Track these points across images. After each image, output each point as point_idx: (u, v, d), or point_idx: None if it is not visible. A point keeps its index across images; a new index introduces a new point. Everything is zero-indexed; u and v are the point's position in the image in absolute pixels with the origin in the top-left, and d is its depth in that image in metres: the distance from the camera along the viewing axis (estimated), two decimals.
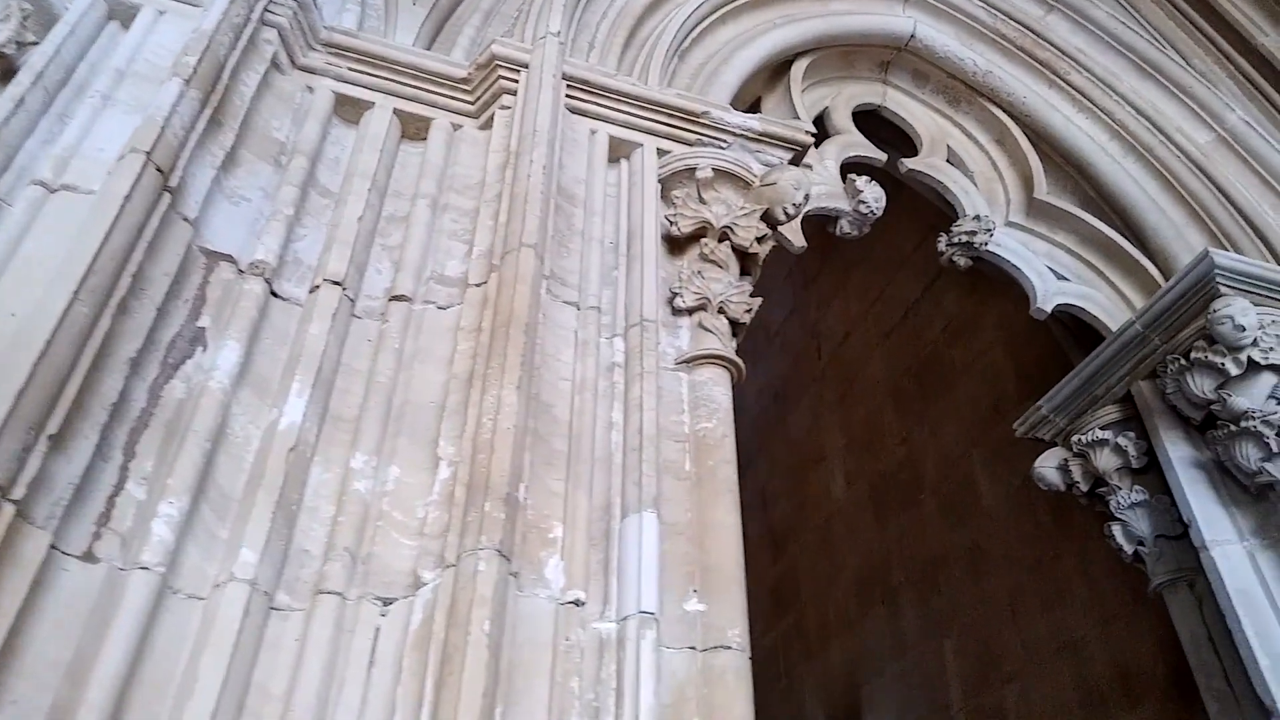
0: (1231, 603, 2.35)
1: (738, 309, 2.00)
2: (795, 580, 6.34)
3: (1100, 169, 3.07)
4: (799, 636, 6.17)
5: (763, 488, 7.14)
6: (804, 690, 5.96)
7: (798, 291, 7.16)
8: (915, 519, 5.03)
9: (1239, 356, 2.45)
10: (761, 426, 7.29)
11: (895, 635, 5.16)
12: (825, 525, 6.07)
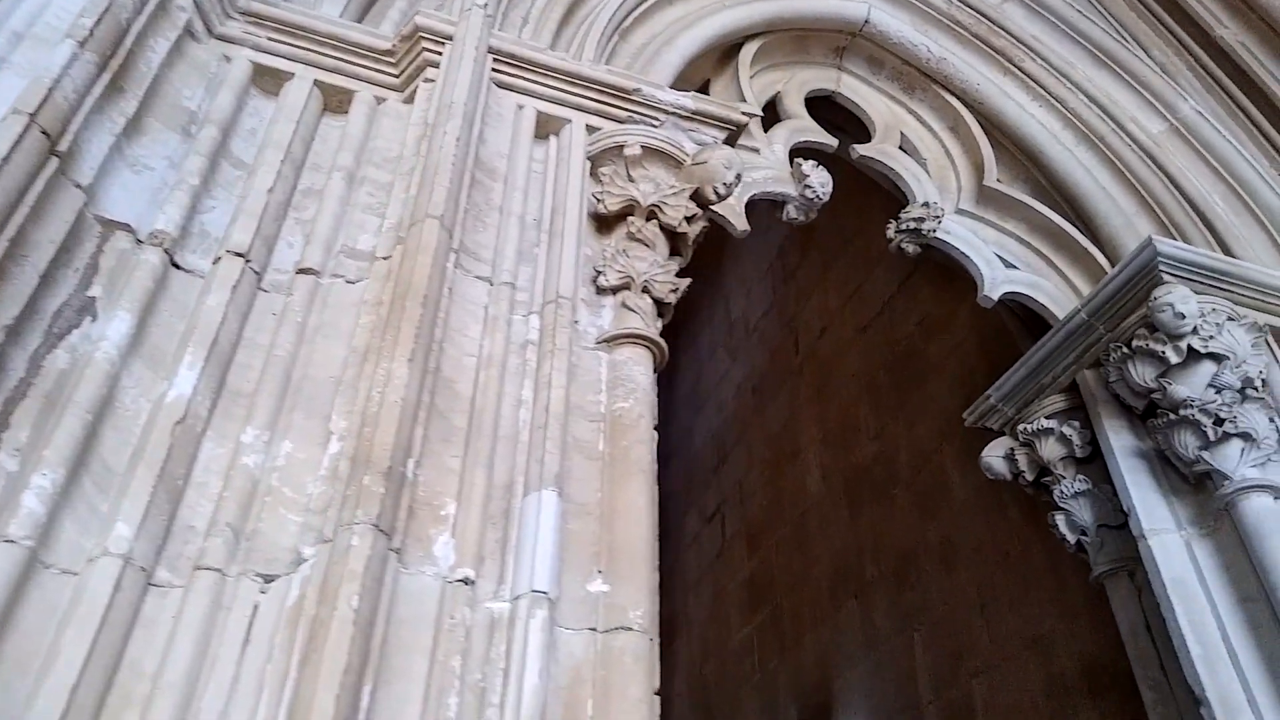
0: (1166, 591, 2.33)
1: (663, 289, 1.97)
2: (770, 574, 6.34)
3: (1052, 157, 3.05)
4: (773, 631, 6.16)
5: (740, 482, 7.13)
6: (778, 684, 5.96)
7: (777, 286, 7.15)
8: (888, 513, 5.03)
9: (1179, 345, 2.43)
10: (740, 420, 7.28)
11: (867, 629, 5.16)
12: (801, 519, 6.07)
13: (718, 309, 8.27)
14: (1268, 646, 2.19)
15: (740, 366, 7.67)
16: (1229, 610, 2.27)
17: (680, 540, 8.17)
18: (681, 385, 8.81)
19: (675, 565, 8.18)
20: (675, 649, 7.80)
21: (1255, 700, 2.14)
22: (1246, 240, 2.87)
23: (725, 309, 8.12)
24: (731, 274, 8.05)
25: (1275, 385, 2.52)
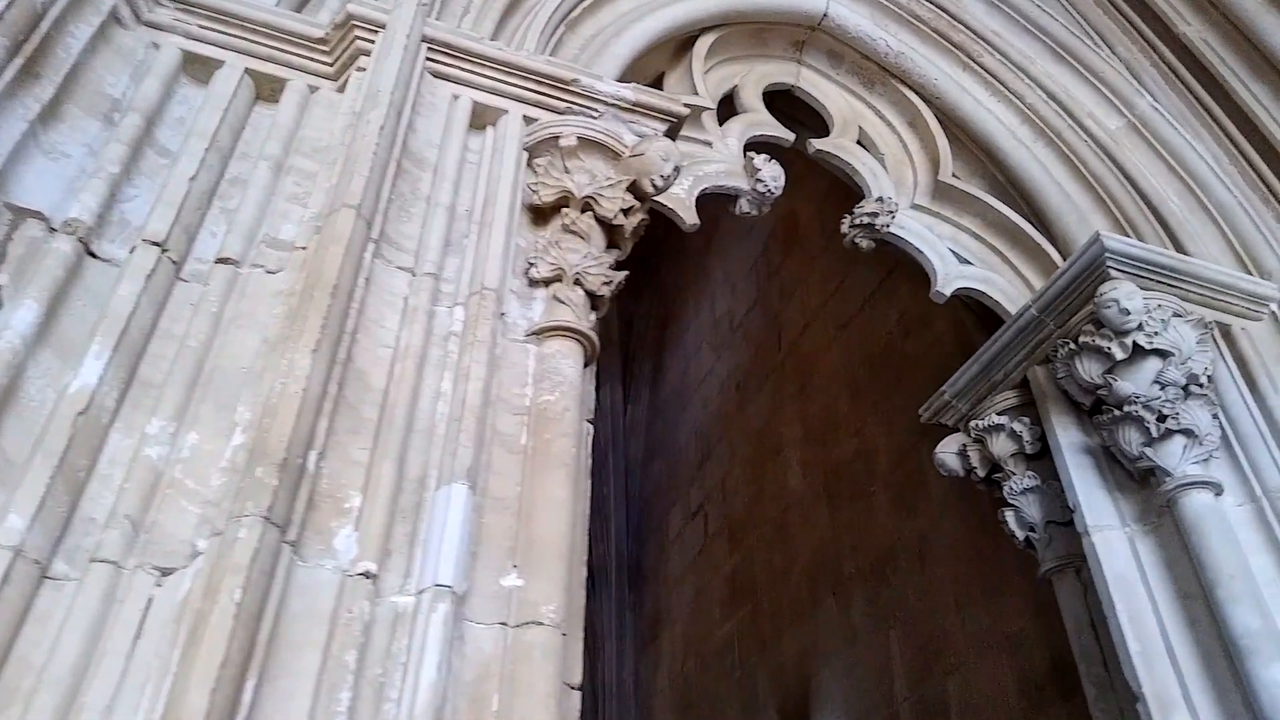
0: (1108, 588, 2.33)
1: (595, 281, 1.95)
2: (752, 571, 6.35)
3: (1007, 153, 3.04)
4: (754, 628, 6.17)
5: (723, 478, 7.14)
6: (757, 681, 5.97)
7: (761, 283, 7.15)
8: (866, 510, 5.03)
9: (1124, 341, 2.42)
10: (723, 417, 7.28)
11: (845, 626, 5.17)
12: (781, 516, 6.07)
13: (704, 306, 8.27)
14: (1205, 643, 2.19)
15: (724, 363, 7.67)
16: (1169, 607, 2.27)
17: (664, 537, 8.17)
18: (668, 382, 8.81)
19: (659, 562, 8.19)
20: (659, 646, 7.81)
21: (1191, 697, 2.14)
22: (1200, 237, 2.86)
23: (711, 306, 8.12)
24: (718, 271, 8.04)
25: (1221, 382, 2.52)
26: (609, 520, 9.32)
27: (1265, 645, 2.05)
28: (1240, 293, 2.66)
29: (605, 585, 9.02)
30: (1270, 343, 2.61)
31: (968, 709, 4.21)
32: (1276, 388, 2.51)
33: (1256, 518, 2.31)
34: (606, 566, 9.09)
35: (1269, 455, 2.35)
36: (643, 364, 9.59)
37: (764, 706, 5.90)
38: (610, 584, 9.04)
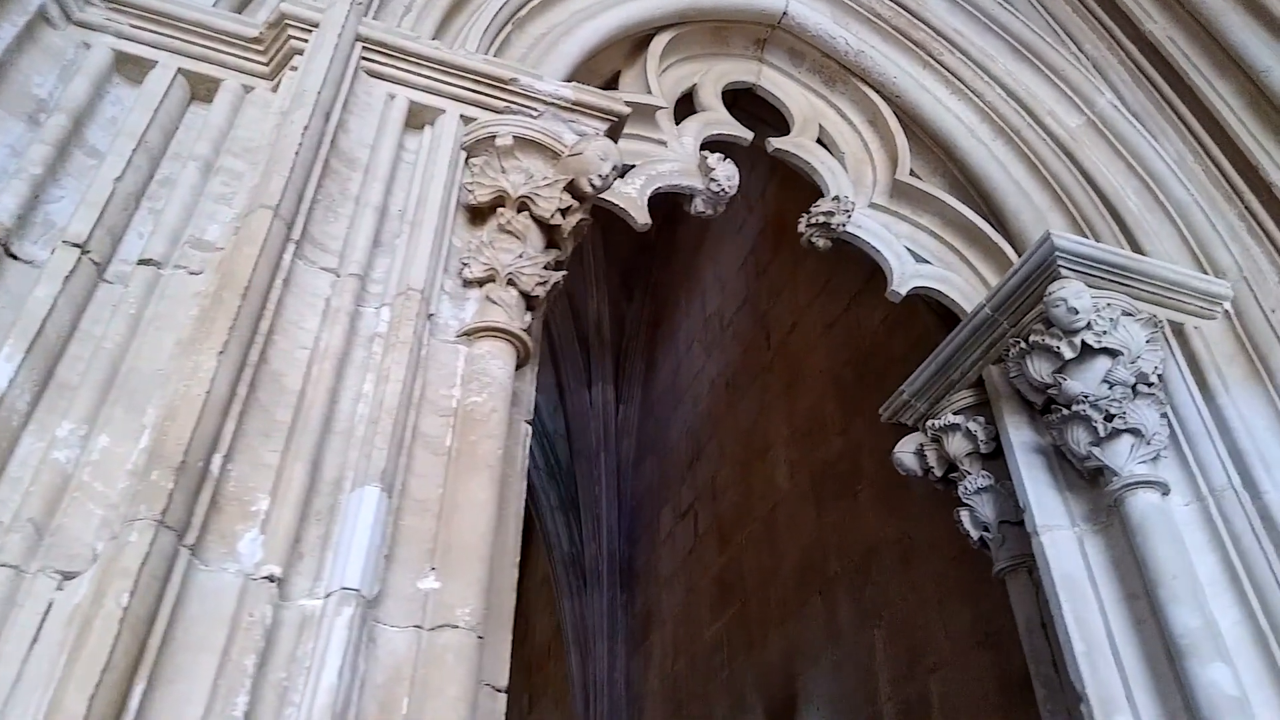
0: (1055, 588, 2.32)
1: (529, 281, 1.94)
2: (740, 571, 6.35)
3: (966, 151, 3.03)
4: (741, 627, 6.18)
5: (713, 477, 7.14)
6: (744, 681, 5.97)
7: (750, 282, 7.15)
8: (852, 509, 5.03)
9: (1073, 340, 2.41)
10: (713, 416, 7.28)
11: (830, 626, 5.17)
12: (769, 516, 6.07)
13: (695, 304, 8.28)
14: (1149, 644, 2.18)
15: (715, 362, 7.68)
16: (1115, 607, 2.26)
17: (656, 537, 8.18)
18: (659, 381, 8.82)
19: (650, 562, 8.20)
20: (650, 645, 7.82)
21: (1133, 697, 2.13)
22: (1156, 235, 2.85)
23: (702, 304, 8.13)
24: (709, 269, 8.05)
25: (1172, 381, 2.51)
26: (600, 520, 9.32)
27: (1204, 645, 2.04)
28: (1193, 291, 2.65)
29: (597, 585, 9.02)
30: (1223, 342, 2.60)
31: (949, 708, 4.21)
32: (1227, 386, 2.50)
33: (1202, 517, 2.30)
34: (598, 566, 9.09)
35: (1215, 455, 2.34)
36: (635, 363, 9.59)
37: (751, 706, 5.90)
38: (602, 584, 9.04)
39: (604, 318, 9.78)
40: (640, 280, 9.71)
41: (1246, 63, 3.38)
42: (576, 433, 9.74)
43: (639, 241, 9.40)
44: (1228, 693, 1.98)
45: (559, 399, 9.87)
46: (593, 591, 9.07)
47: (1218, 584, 2.20)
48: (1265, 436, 2.41)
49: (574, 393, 9.73)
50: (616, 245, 9.19)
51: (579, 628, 9.10)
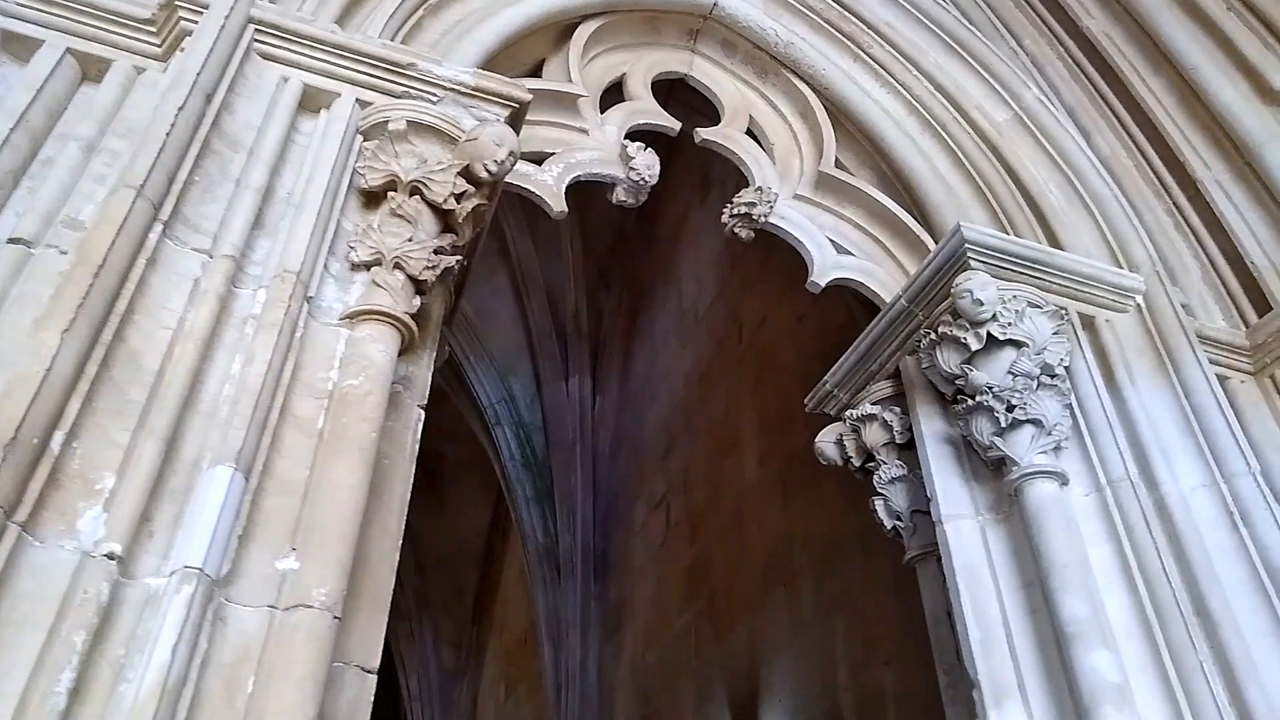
0: (955, 576, 2.34)
1: (417, 265, 1.94)
2: (709, 562, 6.38)
3: (892, 144, 3.03)
4: (709, 618, 6.21)
5: (685, 469, 7.17)
6: (711, 671, 6.01)
7: (724, 275, 7.16)
8: (817, 501, 5.05)
9: (979, 331, 2.43)
10: (686, 409, 7.30)
11: (793, 616, 5.20)
12: (738, 508, 6.10)
13: (671, 297, 8.29)
14: (1042, 632, 2.20)
15: (689, 354, 7.69)
16: (1012, 596, 2.28)
17: (629, 528, 8.21)
18: (636, 374, 8.84)
19: (624, 553, 8.22)
20: (621, 636, 7.85)
21: (1024, 684, 2.15)
22: (1075, 229, 2.87)
23: (678, 297, 8.14)
24: (686, 262, 8.06)
25: (1078, 373, 2.53)
26: (575, 512, 9.35)
27: (1090, 633, 2.06)
28: (1106, 285, 2.66)
29: (571, 576, 9.04)
30: (1133, 335, 2.62)
31: (904, 697, 4.24)
32: (1133, 379, 2.52)
33: (1100, 508, 2.32)
34: (572, 558, 9.12)
35: (1116, 447, 2.36)
36: (612, 356, 9.60)
37: (716, 696, 5.94)
38: (576, 575, 9.06)
39: (581, 310, 9.77)
40: (618, 273, 9.71)
41: (1178, 60, 3.40)
42: (553, 425, 9.74)
43: (617, 234, 9.40)
44: (1109, 679, 2.00)
45: (536, 391, 9.87)
46: (566, 583, 9.09)
47: (1110, 573, 2.22)
48: (1168, 430, 2.43)
49: (551, 385, 9.73)
50: (595, 238, 9.19)
51: (552, 619, 9.13)
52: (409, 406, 2.02)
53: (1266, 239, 3.04)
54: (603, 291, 9.83)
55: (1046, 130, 3.05)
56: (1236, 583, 2.17)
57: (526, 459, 9.92)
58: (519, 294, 9.72)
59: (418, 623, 12.70)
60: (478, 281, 9.57)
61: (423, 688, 12.67)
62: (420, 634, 12.67)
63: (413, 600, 12.67)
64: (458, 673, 12.71)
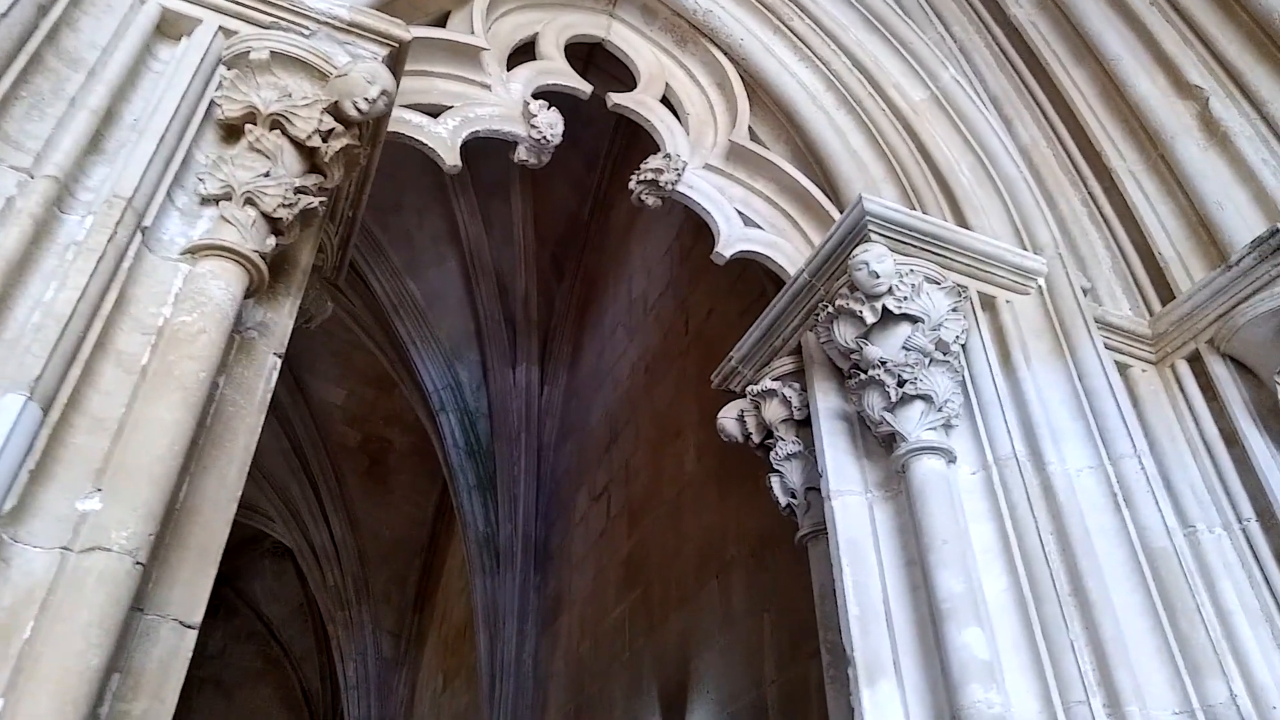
0: (839, 552, 2.29)
1: (271, 202, 1.83)
2: (646, 553, 6.33)
3: (806, 118, 2.98)
4: (644, 610, 6.15)
5: (628, 460, 7.10)
6: (643, 662, 5.95)
7: (674, 266, 7.11)
8: (753, 494, 5.00)
9: (875, 305, 2.38)
10: (631, 400, 7.23)
11: (725, 609, 5.16)
12: (677, 499, 6.05)
13: (622, 288, 8.23)
14: (920, 609, 2.16)
15: (636, 345, 7.63)
16: (895, 573, 2.24)
17: (571, 519, 8.12)
18: (585, 364, 8.76)
19: (564, 543, 8.14)
20: (558, 627, 7.76)
21: (899, 661, 2.11)
22: (984, 210, 2.84)
23: (629, 288, 8.09)
24: (638, 253, 8.00)
25: (973, 351, 2.49)
26: (518, 501, 9.24)
27: (963, 609, 2.02)
28: (1007, 265, 2.64)
29: (510, 566, 8.95)
30: (1032, 317, 2.60)
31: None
32: (1029, 360, 2.49)
33: (985, 486, 2.29)
34: (513, 547, 9.01)
35: (1005, 426, 2.33)
36: (562, 345, 9.50)
37: (647, 688, 5.89)
38: (515, 565, 8.96)
39: (532, 298, 9.65)
40: (572, 261, 9.60)
41: (1100, 51, 3.41)
42: (498, 413, 9.62)
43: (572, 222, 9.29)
44: (979, 656, 1.96)
45: (483, 378, 9.74)
46: (506, 572, 8.99)
47: (991, 551, 2.19)
48: (1060, 411, 2.41)
49: (498, 372, 9.61)
50: (549, 225, 9.07)
51: (489, 608, 9.02)
52: (263, 353, 1.91)
53: (1174, 230, 3.04)
54: (555, 280, 9.72)
55: (962, 111, 3.02)
56: (1115, 564, 2.15)
57: (470, 446, 9.79)
58: (469, 279, 9.58)
59: (358, 611, 12.48)
60: (426, 265, 9.42)
61: (360, 676, 12.45)
62: (360, 622, 12.45)
63: (353, 588, 12.45)
64: (397, 662, 12.52)
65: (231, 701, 15.00)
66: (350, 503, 12.48)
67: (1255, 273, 2.64)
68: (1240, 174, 3.04)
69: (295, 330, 2.01)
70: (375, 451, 12.53)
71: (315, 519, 12.46)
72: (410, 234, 9.38)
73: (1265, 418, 2.61)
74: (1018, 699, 1.96)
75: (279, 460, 12.05)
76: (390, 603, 12.49)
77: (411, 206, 9.20)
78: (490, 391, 9.76)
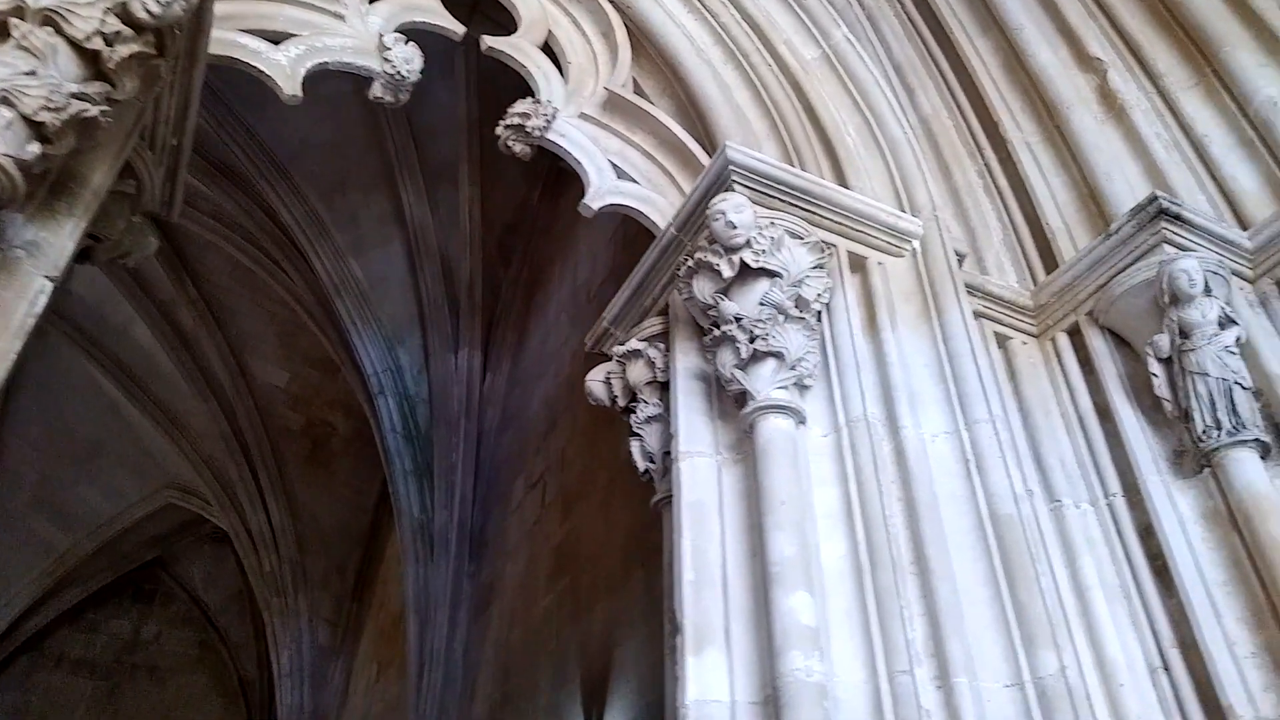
0: (682, 515, 2.16)
1: (33, 103, 1.65)
2: (577, 542, 6.21)
3: (690, 70, 2.85)
4: (572, 598, 6.04)
5: (564, 448, 6.97)
6: (568, 651, 5.84)
7: (617, 253, 6.99)
8: None
9: (733, 258, 2.25)
10: (572, 387, 7.08)
11: (649, 598, 5.04)
12: (609, 486, 5.93)
13: (567, 275, 8.11)
14: (756, 575, 2.03)
15: (578, 332, 7.49)
16: (736, 537, 2.12)
17: (507, 507, 7.97)
18: (528, 351, 8.63)
19: (499, 532, 7.98)
20: (488, 616, 7.61)
21: (730, 628, 1.99)
22: (867, 171, 2.73)
23: (574, 274, 7.97)
24: (584, 239, 7.89)
25: (837, 311, 2.38)
26: (455, 488, 9.07)
27: (793, 574, 1.90)
28: (881, 225, 2.53)
29: (444, 553, 8.78)
30: (904, 280, 2.49)
31: None
32: (895, 324, 2.38)
33: (835, 449, 2.18)
34: (447, 535, 8.85)
35: (860, 388, 2.21)
36: (506, 332, 9.33)
37: (571, 677, 5.78)
38: (449, 552, 8.80)
39: (477, 282, 9.46)
40: (519, 246, 9.43)
41: (1005, 20, 3.33)
42: (439, 398, 9.43)
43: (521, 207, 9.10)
44: (803, 622, 1.84)
45: (424, 363, 9.54)
46: (440, 560, 8.82)
47: (834, 516, 2.07)
48: (922, 376, 2.30)
49: (439, 357, 9.42)
50: (497, 209, 8.88)
51: (421, 596, 8.85)
52: (30, 275, 1.74)
53: (1065, 202, 2.97)
54: (502, 265, 9.54)
55: (852, 71, 2.91)
56: (959, 532, 2.04)
57: (408, 432, 9.59)
58: (413, 262, 9.38)
59: (294, 598, 12.20)
60: (371, 246, 9.19)
61: (295, 665, 12.17)
62: (296, 610, 12.17)
63: (290, 575, 12.17)
64: (333, 651, 12.26)
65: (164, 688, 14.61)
66: (290, 488, 12.20)
67: (1134, 241, 2.56)
68: (1134, 147, 2.97)
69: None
70: (318, 436, 12.26)
71: (253, 504, 12.15)
72: (356, 214, 9.16)
73: (1139, 392, 2.52)
74: (843, 667, 1.85)
75: (219, 444, 11.74)
76: (329, 590, 12.23)
77: (357, 185, 8.98)
78: (431, 376, 9.56)
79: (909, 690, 1.76)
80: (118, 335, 11.10)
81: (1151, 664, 2.18)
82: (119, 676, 13.99)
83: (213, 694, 14.52)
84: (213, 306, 10.37)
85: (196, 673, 14.56)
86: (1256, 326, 2.48)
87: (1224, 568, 2.21)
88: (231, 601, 14.61)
